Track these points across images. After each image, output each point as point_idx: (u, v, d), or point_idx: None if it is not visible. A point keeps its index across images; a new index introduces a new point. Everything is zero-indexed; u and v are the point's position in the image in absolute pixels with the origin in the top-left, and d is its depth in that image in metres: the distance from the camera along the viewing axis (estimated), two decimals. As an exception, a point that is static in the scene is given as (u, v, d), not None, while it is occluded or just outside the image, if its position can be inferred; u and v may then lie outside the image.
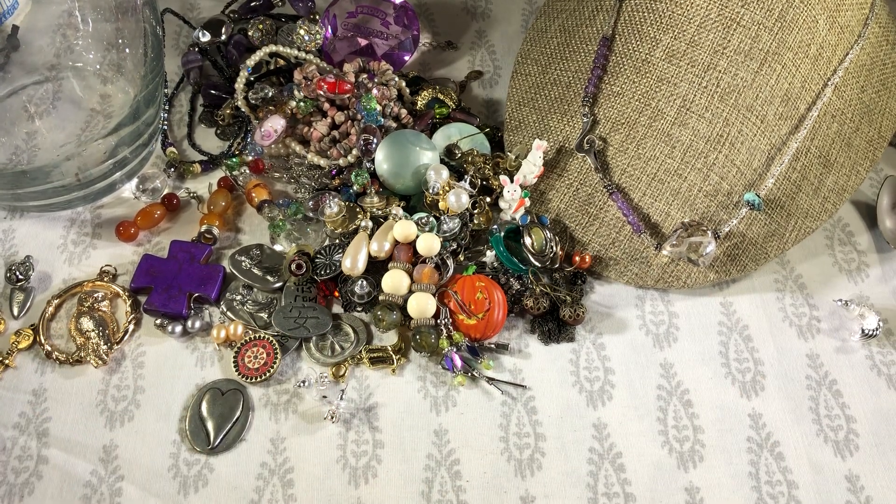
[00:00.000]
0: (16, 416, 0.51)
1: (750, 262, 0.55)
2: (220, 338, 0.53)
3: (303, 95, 0.59)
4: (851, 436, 0.50)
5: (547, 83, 0.61)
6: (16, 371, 0.53)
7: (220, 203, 0.59)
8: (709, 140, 0.55)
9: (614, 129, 0.57)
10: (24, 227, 0.59)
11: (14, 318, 0.55)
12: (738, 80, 0.54)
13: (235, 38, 0.66)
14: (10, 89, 0.61)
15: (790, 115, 0.56)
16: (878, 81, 0.59)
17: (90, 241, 0.58)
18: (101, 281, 0.56)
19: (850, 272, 0.57)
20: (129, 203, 0.60)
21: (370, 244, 0.55)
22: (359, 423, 0.50)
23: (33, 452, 0.49)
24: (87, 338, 0.53)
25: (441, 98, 0.63)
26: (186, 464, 0.49)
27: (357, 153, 0.58)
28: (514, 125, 0.61)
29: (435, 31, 0.70)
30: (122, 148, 0.57)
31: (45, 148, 0.59)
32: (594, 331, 0.54)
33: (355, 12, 0.66)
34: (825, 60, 0.56)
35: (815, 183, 0.57)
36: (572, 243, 0.57)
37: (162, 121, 0.63)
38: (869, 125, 0.59)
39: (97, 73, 0.62)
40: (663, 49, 0.56)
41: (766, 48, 0.54)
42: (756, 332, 0.54)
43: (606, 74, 0.58)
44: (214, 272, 0.55)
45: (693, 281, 0.55)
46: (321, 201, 0.56)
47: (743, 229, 0.55)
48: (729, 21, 0.54)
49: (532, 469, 0.49)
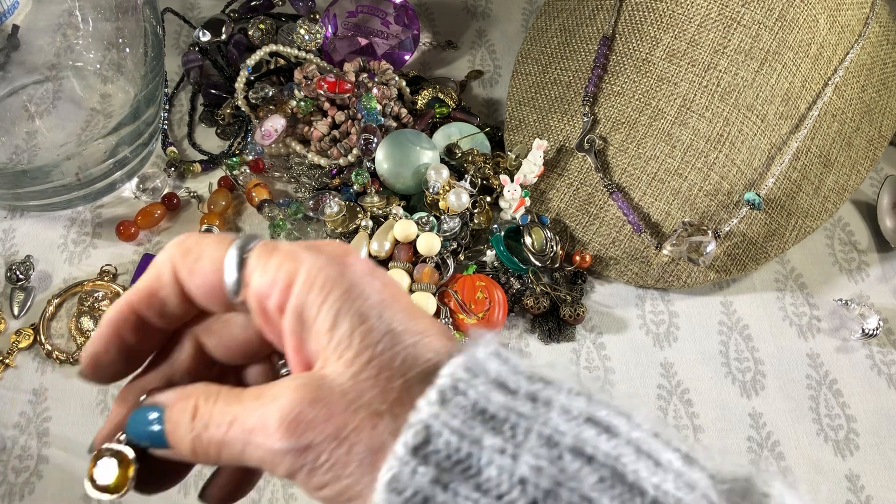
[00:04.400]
0: (16, 415, 0.51)
1: (750, 261, 0.55)
2: (220, 337, 0.53)
3: (303, 95, 0.59)
4: (852, 435, 0.50)
5: (547, 82, 0.61)
6: (16, 370, 0.53)
7: (220, 202, 0.59)
8: (709, 139, 0.55)
9: (615, 129, 0.57)
10: (24, 227, 0.59)
11: (14, 317, 0.55)
12: (739, 79, 0.54)
13: (236, 37, 0.66)
14: (10, 89, 0.61)
15: (790, 115, 0.56)
16: (879, 81, 0.59)
17: (90, 240, 0.58)
18: (101, 280, 0.56)
19: (850, 272, 0.57)
20: (130, 202, 0.60)
21: (370, 244, 0.55)
22: (359, 423, 0.50)
23: (33, 452, 0.49)
24: (88, 337, 0.53)
25: (441, 97, 0.63)
26: (187, 463, 0.49)
27: (357, 153, 0.58)
28: (514, 124, 0.61)
29: (435, 31, 0.70)
30: (122, 147, 0.57)
31: (46, 147, 0.59)
32: (594, 330, 0.54)
33: (355, 11, 0.66)
34: (825, 60, 0.56)
35: (815, 182, 0.57)
36: (572, 243, 0.57)
37: (162, 120, 0.63)
38: (869, 124, 0.59)
39: (97, 73, 0.62)
40: (664, 48, 0.56)
41: (766, 47, 0.54)
42: (756, 332, 0.54)
43: (607, 74, 0.58)
44: (215, 272, 0.55)
45: (693, 280, 0.55)
46: (321, 201, 0.56)
47: (743, 229, 0.55)
48: (729, 20, 0.54)
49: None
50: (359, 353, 0.24)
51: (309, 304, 0.24)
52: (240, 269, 0.26)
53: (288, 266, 0.25)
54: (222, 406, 0.25)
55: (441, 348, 0.25)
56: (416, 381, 0.24)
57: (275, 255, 0.25)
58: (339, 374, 0.24)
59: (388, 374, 0.24)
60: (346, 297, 0.24)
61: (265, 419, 0.24)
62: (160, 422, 0.26)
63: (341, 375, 0.24)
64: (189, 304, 0.28)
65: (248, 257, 0.26)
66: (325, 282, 0.25)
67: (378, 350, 0.24)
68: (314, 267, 0.25)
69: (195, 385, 0.27)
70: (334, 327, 0.24)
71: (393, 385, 0.23)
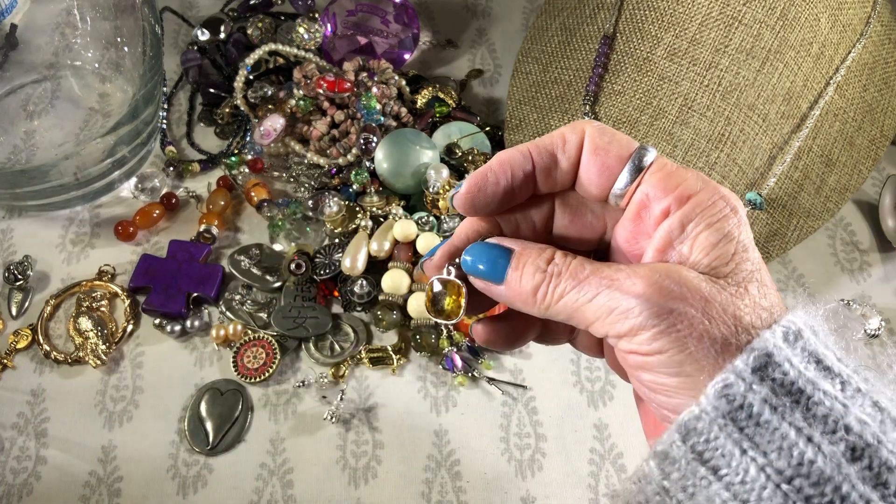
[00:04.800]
0: (14, 416, 0.50)
1: (752, 261, 0.55)
2: (219, 338, 0.53)
3: (302, 94, 0.59)
4: (854, 436, 0.50)
5: (548, 82, 0.61)
6: (14, 371, 0.52)
7: (219, 202, 0.58)
8: (710, 139, 0.55)
9: (616, 128, 0.56)
10: (22, 227, 0.59)
11: (12, 317, 0.54)
12: (740, 78, 0.54)
13: (234, 36, 0.66)
14: (9, 88, 0.61)
15: (792, 114, 0.55)
16: (881, 80, 0.59)
17: (89, 240, 0.58)
18: (99, 280, 0.55)
19: (852, 272, 0.57)
20: (128, 202, 0.60)
21: (370, 244, 0.55)
22: (359, 424, 0.50)
23: (32, 453, 0.49)
24: (86, 338, 0.53)
25: (441, 97, 0.63)
26: (185, 464, 0.49)
27: (357, 152, 0.57)
28: (514, 124, 0.61)
29: (435, 30, 0.70)
30: (120, 147, 0.57)
31: (44, 147, 0.59)
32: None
33: (355, 10, 0.66)
34: (827, 59, 0.56)
35: (817, 182, 0.56)
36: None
37: (161, 119, 0.63)
38: (871, 124, 0.58)
39: (96, 72, 0.62)
40: (665, 47, 0.56)
41: (767, 46, 0.54)
42: (758, 332, 0.54)
43: (608, 73, 0.58)
44: (213, 272, 0.55)
45: (694, 280, 0.55)
46: (321, 200, 0.56)
47: (744, 229, 0.55)
48: (731, 19, 0.54)
49: (533, 470, 0.49)
50: (729, 273, 0.26)
51: (695, 221, 0.27)
52: (633, 174, 0.28)
53: (687, 185, 0.27)
54: (579, 263, 0.27)
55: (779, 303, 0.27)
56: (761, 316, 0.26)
57: (675, 171, 0.28)
58: (704, 281, 0.26)
59: (741, 286, 0.26)
60: (729, 229, 0.27)
61: (632, 276, 0.26)
62: (506, 257, 0.29)
63: (700, 265, 0.26)
64: (571, 176, 0.30)
65: (645, 165, 0.28)
66: (718, 211, 0.27)
67: (741, 277, 0.26)
68: (709, 196, 0.27)
69: (546, 246, 0.29)
70: (714, 247, 0.26)
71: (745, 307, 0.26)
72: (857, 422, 0.23)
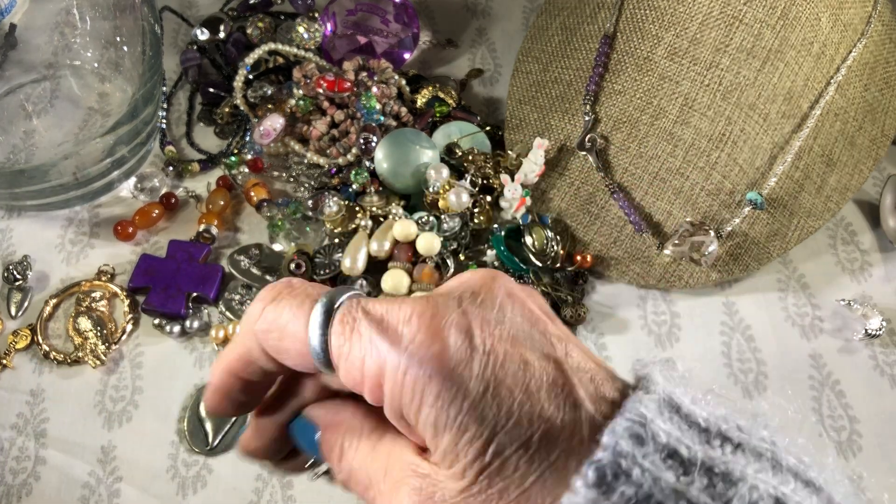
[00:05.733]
0: (13, 416, 0.50)
1: (752, 261, 0.55)
2: (218, 338, 0.53)
3: (302, 94, 0.59)
4: (854, 436, 0.50)
5: (548, 81, 0.61)
6: (13, 371, 0.52)
7: (218, 202, 0.58)
8: (711, 138, 0.54)
9: (616, 128, 0.56)
10: (21, 227, 0.58)
11: (11, 317, 0.54)
12: (741, 78, 0.54)
13: (234, 35, 0.66)
14: (8, 88, 0.61)
15: (793, 114, 0.55)
16: (882, 79, 0.59)
17: (88, 240, 0.58)
18: (99, 280, 0.55)
19: (853, 272, 0.57)
20: (128, 202, 0.60)
21: (370, 244, 0.54)
22: (359, 424, 0.50)
23: (31, 453, 0.49)
24: (85, 338, 0.53)
25: (441, 96, 0.62)
26: (185, 465, 0.49)
27: (357, 152, 0.57)
28: (514, 123, 0.61)
29: (435, 29, 0.70)
30: (120, 147, 0.57)
31: (43, 147, 0.58)
32: (596, 331, 0.54)
33: (355, 10, 0.65)
34: (828, 58, 0.56)
35: (817, 182, 0.56)
36: (574, 243, 0.57)
37: (160, 119, 0.63)
38: (872, 123, 0.58)
39: (95, 72, 0.62)
40: (665, 47, 0.56)
41: (768, 46, 0.54)
42: (758, 332, 0.54)
43: (608, 72, 0.58)
44: (213, 272, 0.55)
45: (695, 280, 0.55)
46: (320, 200, 0.56)
47: (745, 228, 0.55)
48: (731, 19, 0.54)
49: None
50: (466, 466, 0.22)
51: (405, 408, 0.23)
52: (325, 352, 0.24)
53: (371, 360, 0.23)
54: (361, 459, 0.26)
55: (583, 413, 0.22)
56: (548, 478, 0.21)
57: (355, 337, 0.24)
58: (450, 489, 0.22)
59: (501, 485, 0.21)
60: (442, 399, 0.22)
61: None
62: (318, 444, 0.27)
63: (451, 490, 0.22)
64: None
65: (331, 337, 0.24)
66: (416, 383, 0.22)
67: (487, 460, 0.21)
68: (399, 367, 0.22)
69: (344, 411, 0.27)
70: (436, 436, 0.22)
71: (509, 497, 0.21)
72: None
